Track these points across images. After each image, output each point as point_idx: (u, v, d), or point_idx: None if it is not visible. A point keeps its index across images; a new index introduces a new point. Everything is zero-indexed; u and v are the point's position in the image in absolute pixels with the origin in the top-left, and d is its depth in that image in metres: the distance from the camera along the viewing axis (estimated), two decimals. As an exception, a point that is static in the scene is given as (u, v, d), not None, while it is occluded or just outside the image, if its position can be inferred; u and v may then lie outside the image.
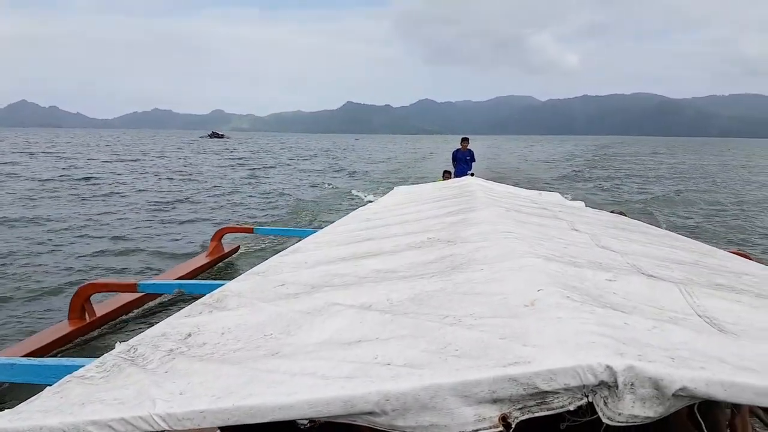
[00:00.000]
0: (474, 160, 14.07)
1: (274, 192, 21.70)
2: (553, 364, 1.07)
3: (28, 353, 4.86)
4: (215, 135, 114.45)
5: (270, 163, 39.64)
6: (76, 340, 5.66)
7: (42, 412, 1.31)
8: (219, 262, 9.02)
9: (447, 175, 13.18)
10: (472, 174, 12.44)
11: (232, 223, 12.70)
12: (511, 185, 9.08)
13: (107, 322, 6.16)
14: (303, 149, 68.95)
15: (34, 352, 4.97)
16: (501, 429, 1.07)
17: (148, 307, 6.81)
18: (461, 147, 13.98)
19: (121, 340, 1.98)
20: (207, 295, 2.47)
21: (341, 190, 22.79)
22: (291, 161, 43.13)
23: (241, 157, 45.64)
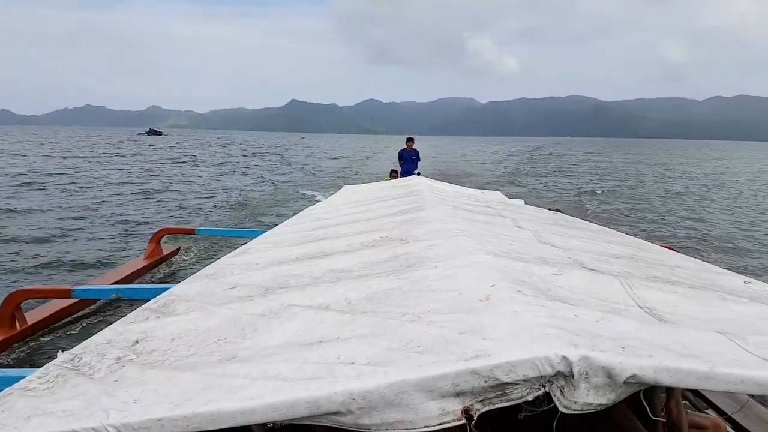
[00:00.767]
0: (419, 159, 14.26)
1: (217, 191, 21.11)
2: (513, 356, 1.11)
3: None
4: (153, 132, 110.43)
5: (213, 161, 38.57)
6: (5, 351, 5.30)
7: None
8: (158, 264, 8.67)
9: (394, 175, 13.30)
10: (418, 173, 12.62)
11: (172, 224, 12.24)
12: (456, 184, 9.29)
13: (40, 330, 5.80)
14: (247, 147, 67.61)
15: None
16: (464, 421, 1.10)
17: (83, 314, 6.44)
18: (407, 147, 14.14)
19: (63, 348, 1.88)
20: (152, 300, 2.39)
21: (289, 189, 22.48)
22: (235, 159, 42.15)
23: (182, 154, 44.15)
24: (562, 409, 1.11)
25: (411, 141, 14.27)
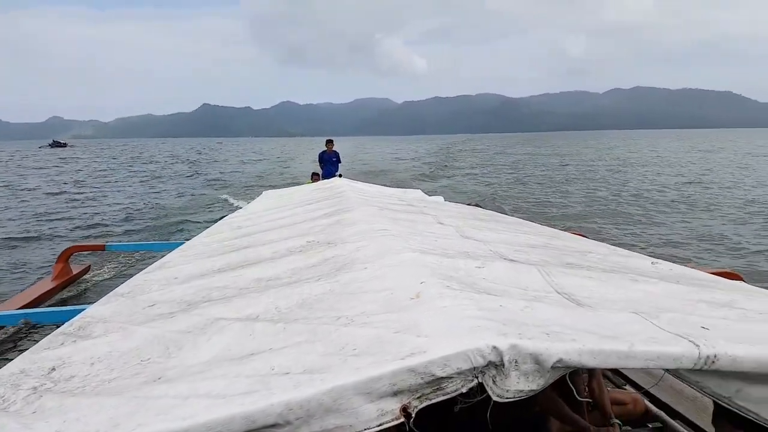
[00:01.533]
0: (340, 161, 14.28)
1: (129, 203, 19.93)
2: (446, 350, 1.14)
3: None
4: (57, 144, 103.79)
5: (123, 171, 36.40)
6: None
7: None
8: (68, 285, 8.10)
9: (315, 177, 13.22)
10: (339, 175, 12.62)
11: (80, 241, 11.48)
12: (378, 184, 9.39)
13: None
14: (160, 154, 64.50)
15: None
16: (402, 420, 1.12)
17: (-12, 343, 5.90)
18: (327, 149, 14.11)
19: None
20: (66, 324, 2.22)
21: (207, 197, 21.67)
22: (147, 167, 40.02)
23: (89, 166, 41.28)
24: (495, 398, 1.15)
25: (331, 143, 14.26)
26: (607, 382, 3.96)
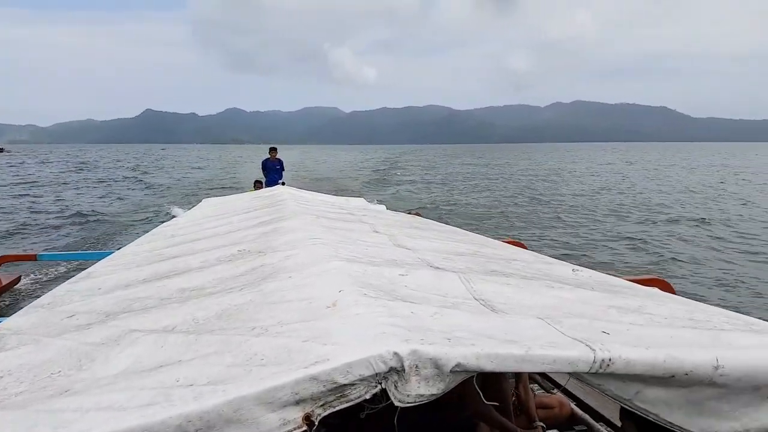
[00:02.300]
0: (284, 169, 14.14)
1: (65, 211, 18.91)
2: (350, 357, 1.16)
3: None
4: None
5: (62, 177, 34.52)
6: None
7: None
8: None
9: (258, 185, 13.03)
10: (283, 183, 12.50)
11: (11, 251, 10.90)
12: (323, 193, 9.37)
13: None
14: (101, 160, 61.80)
15: None
16: (305, 428, 1.12)
17: None
18: (270, 156, 13.95)
19: None
20: None
21: (148, 204, 20.89)
22: (87, 174, 38.13)
23: (26, 172, 38.91)
24: (397, 403, 1.17)
25: (274, 150, 14.11)
26: (538, 386, 4.11)
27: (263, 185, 12.79)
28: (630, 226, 16.90)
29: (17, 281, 8.53)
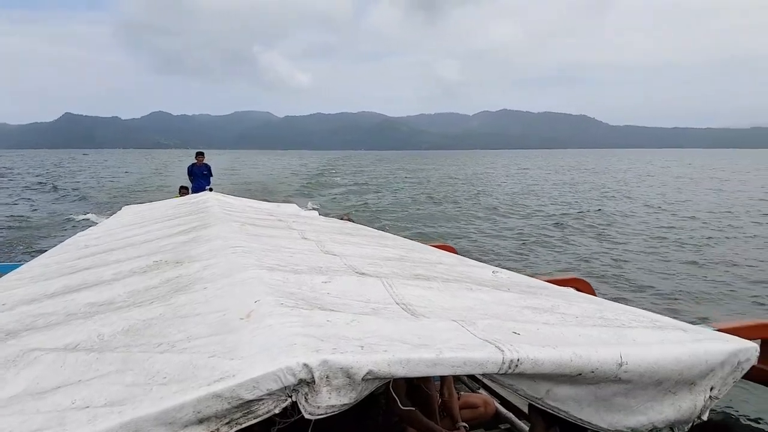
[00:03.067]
0: (211, 174, 13.67)
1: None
2: (256, 372, 1.12)
3: None
4: None
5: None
6: None
7: None
8: None
9: (184, 191, 12.52)
10: (210, 189, 12.08)
11: None
12: (252, 199, 9.13)
13: None
14: (14, 166, 57.21)
15: None
16: None
17: None
18: (197, 161, 13.45)
19: None
20: None
21: (64, 212, 19.51)
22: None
23: None
24: (307, 416, 1.14)
25: (201, 155, 13.62)
26: (464, 386, 4.20)
27: (189, 191, 12.31)
28: (514, 221, 19.17)
29: None
